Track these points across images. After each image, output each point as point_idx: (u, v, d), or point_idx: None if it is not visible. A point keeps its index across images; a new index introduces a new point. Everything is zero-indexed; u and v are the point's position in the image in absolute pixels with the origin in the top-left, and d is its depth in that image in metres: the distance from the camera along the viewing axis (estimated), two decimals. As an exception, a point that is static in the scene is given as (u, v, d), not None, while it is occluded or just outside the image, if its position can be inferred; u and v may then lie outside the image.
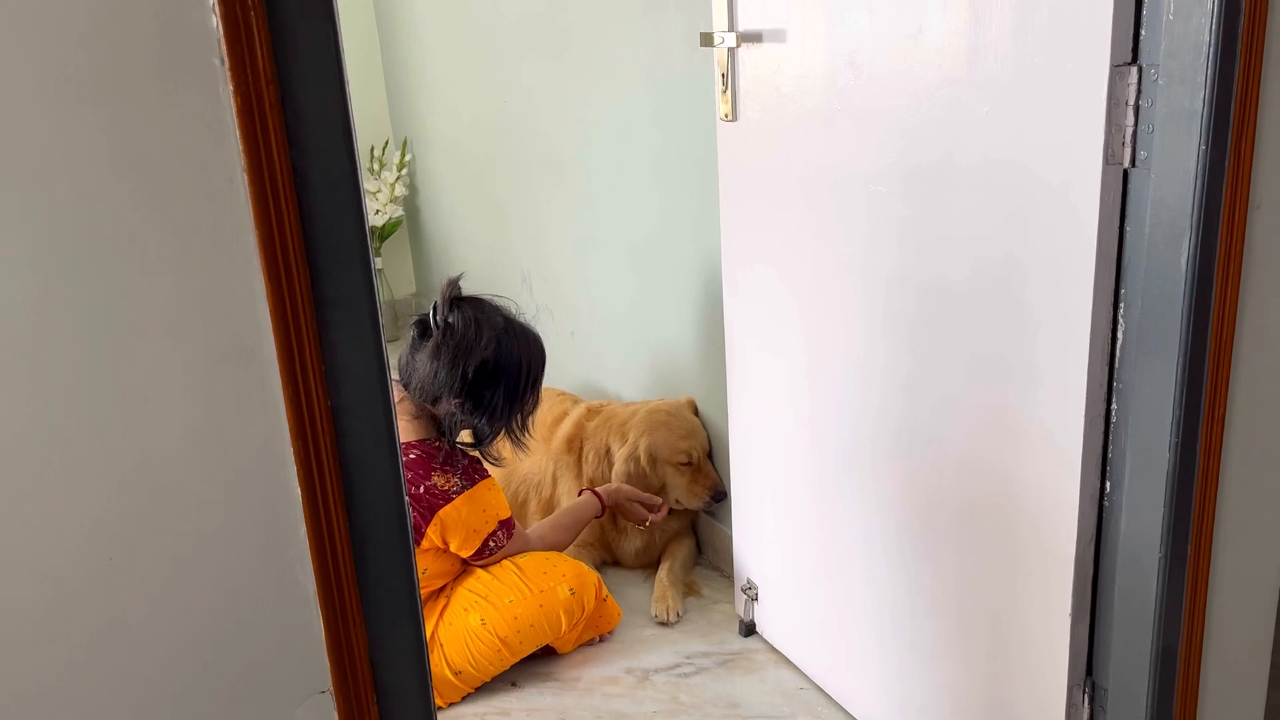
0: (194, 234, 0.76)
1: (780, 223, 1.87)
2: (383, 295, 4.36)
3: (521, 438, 2.09)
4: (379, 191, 4.23)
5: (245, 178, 0.75)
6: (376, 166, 4.28)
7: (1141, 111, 1.23)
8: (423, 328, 2.02)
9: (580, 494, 2.40)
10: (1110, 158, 1.26)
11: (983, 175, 1.42)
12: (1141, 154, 1.24)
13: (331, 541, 0.85)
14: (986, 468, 1.53)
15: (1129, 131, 1.24)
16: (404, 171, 4.25)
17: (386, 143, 4.35)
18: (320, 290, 0.81)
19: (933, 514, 1.66)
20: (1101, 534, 1.43)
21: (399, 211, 4.30)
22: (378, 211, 4.24)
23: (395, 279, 4.51)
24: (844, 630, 1.96)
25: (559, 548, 2.26)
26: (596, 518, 2.38)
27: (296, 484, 0.83)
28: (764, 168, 1.88)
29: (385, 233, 4.32)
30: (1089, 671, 1.49)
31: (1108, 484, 1.40)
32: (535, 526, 2.28)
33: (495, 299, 2.08)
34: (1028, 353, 1.42)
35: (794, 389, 1.94)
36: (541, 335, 2.12)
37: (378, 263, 4.30)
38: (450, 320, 1.98)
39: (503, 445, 2.11)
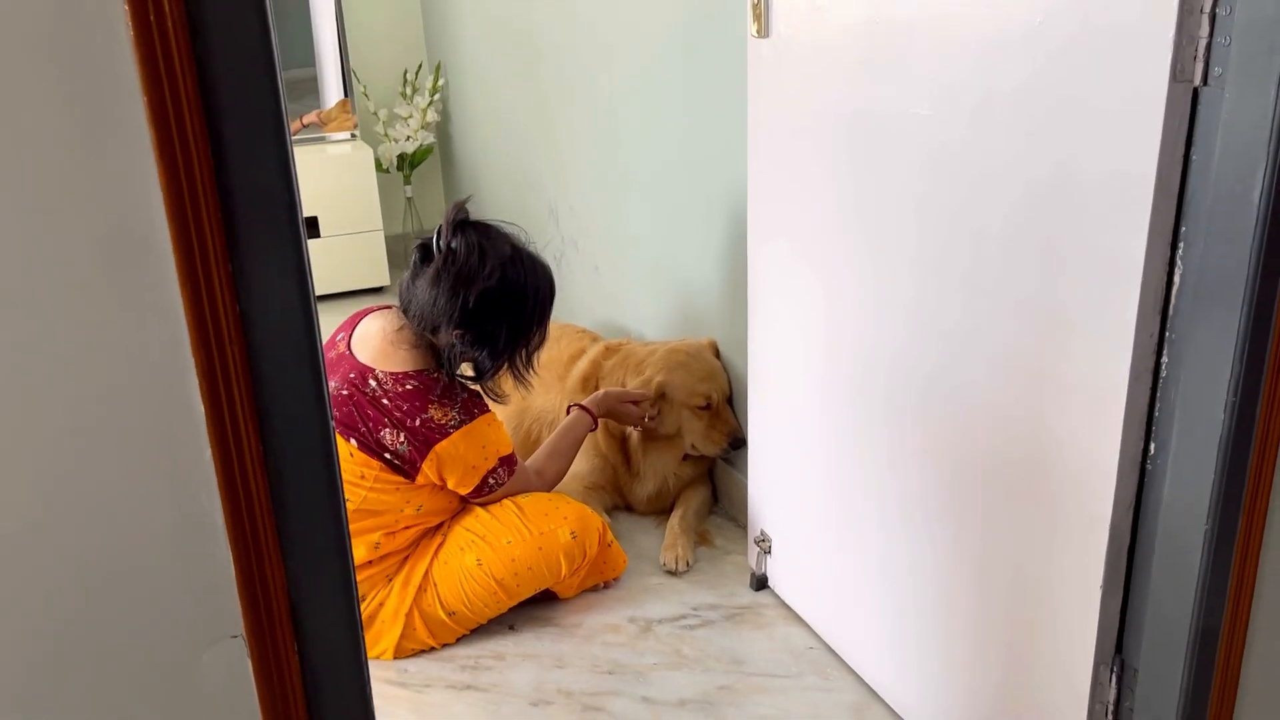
0: (69, 99, 0.64)
1: (809, 150, 1.72)
2: (412, 225, 4.26)
3: (525, 374, 1.98)
4: (410, 117, 4.11)
5: (130, 30, 0.63)
6: (409, 91, 4.15)
7: (1218, 20, 1.07)
8: (424, 252, 1.91)
9: (568, 411, 2.29)
10: (1178, 74, 1.10)
11: (1032, 96, 1.26)
12: (1215, 70, 1.08)
13: (242, 465, 0.74)
14: (1021, 423, 1.40)
15: (1202, 44, 1.08)
16: (436, 97, 4.12)
17: (420, 66, 4.22)
18: (227, 176, 0.69)
19: (960, 471, 1.53)
20: (1141, 501, 1.29)
21: (431, 138, 4.18)
22: (409, 137, 4.12)
23: (425, 209, 4.40)
24: (858, 589, 1.84)
25: (562, 475, 2.16)
26: (590, 430, 2.26)
27: (199, 398, 0.72)
28: (795, 89, 1.73)
29: (416, 160, 4.21)
30: (1118, 649, 1.36)
31: (1152, 446, 1.26)
32: (531, 460, 2.17)
33: (504, 225, 1.95)
34: (1072, 298, 1.27)
35: (818, 332, 1.80)
36: (565, 269, 2.00)
37: (407, 190, 4.19)
38: (453, 245, 1.86)
39: (506, 381, 2.00)
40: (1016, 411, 1.40)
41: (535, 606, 2.10)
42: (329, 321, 2.08)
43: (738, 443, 2.33)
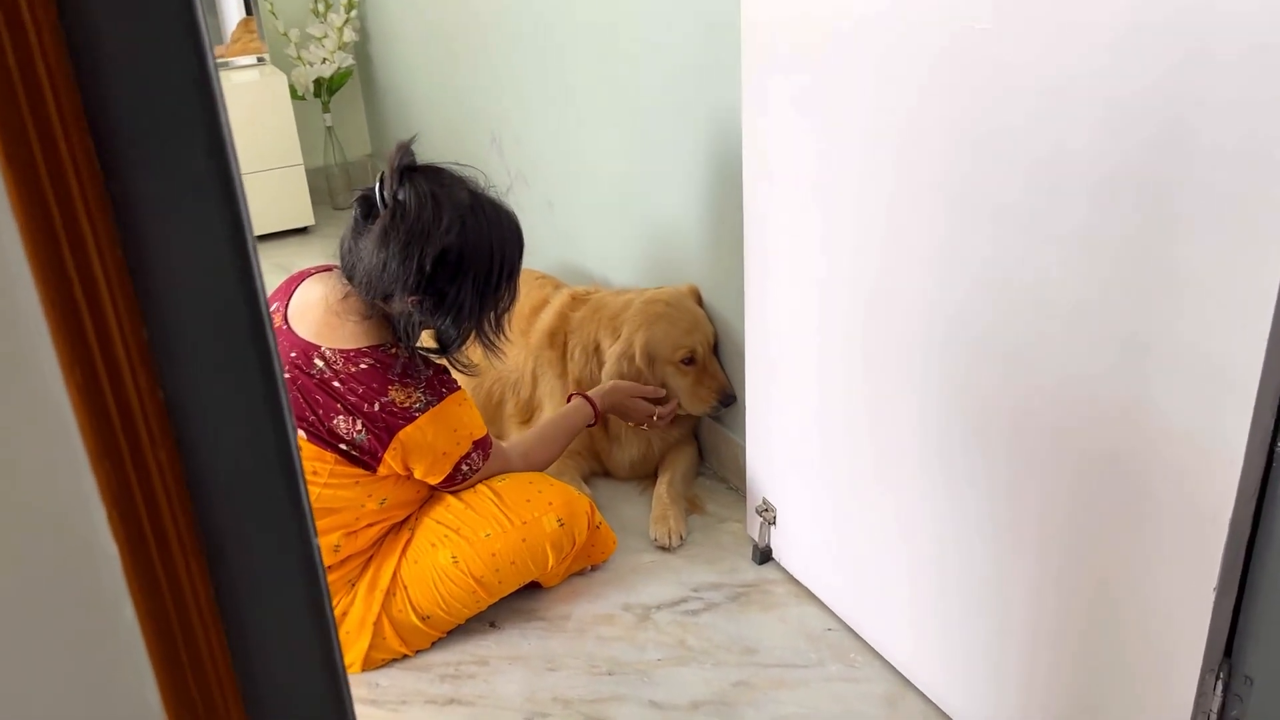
0: None
1: (824, 62, 1.46)
2: (335, 157, 3.89)
3: (495, 340, 1.71)
4: (325, 37, 3.71)
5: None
6: (322, 8, 3.74)
7: None
8: (367, 206, 1.61)
9: (569, 399, 2.04)
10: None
11: None
12: None
13: (193, 648, 0.48)
14: (1102, 393, 1.18)
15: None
16: (353, 14, 3.72)
17: (332, -21, 3.80)
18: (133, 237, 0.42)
19: (1015, 438, 1.32)
20: (1266, 490, 1.09)
21: (349, 60, 3.78)
22: (325, 60, 3.72)
23: (347, 138, 4.02)
24: (882, 563, 1.64)
25: (546, 465, 1.91)
26: (590, 426, 2.02)
27: (109, 537, 0.46)
28: (808, -2, 1.46)
29: (334, 85, 3.82)
30: (1227, 653, 1.18)
31: (1285, 427, 1.06)
32: (518, 441, 1.92)
33: (459, 169, 1.66)
34: (1188, 250, 1.05)
35: (833, 273, 1.56)
36: (514, 207, 1.72)
37: (327, 119, 3.82)
38: (401, 198, 1.57)
39: (475, 350, 1.72)
40: (1100, 382, 1.18)
41: (518, 597, 1.86)
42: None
43: (727, 399, 2.11)
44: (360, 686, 1.72)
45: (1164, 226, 1.06)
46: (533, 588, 1.89)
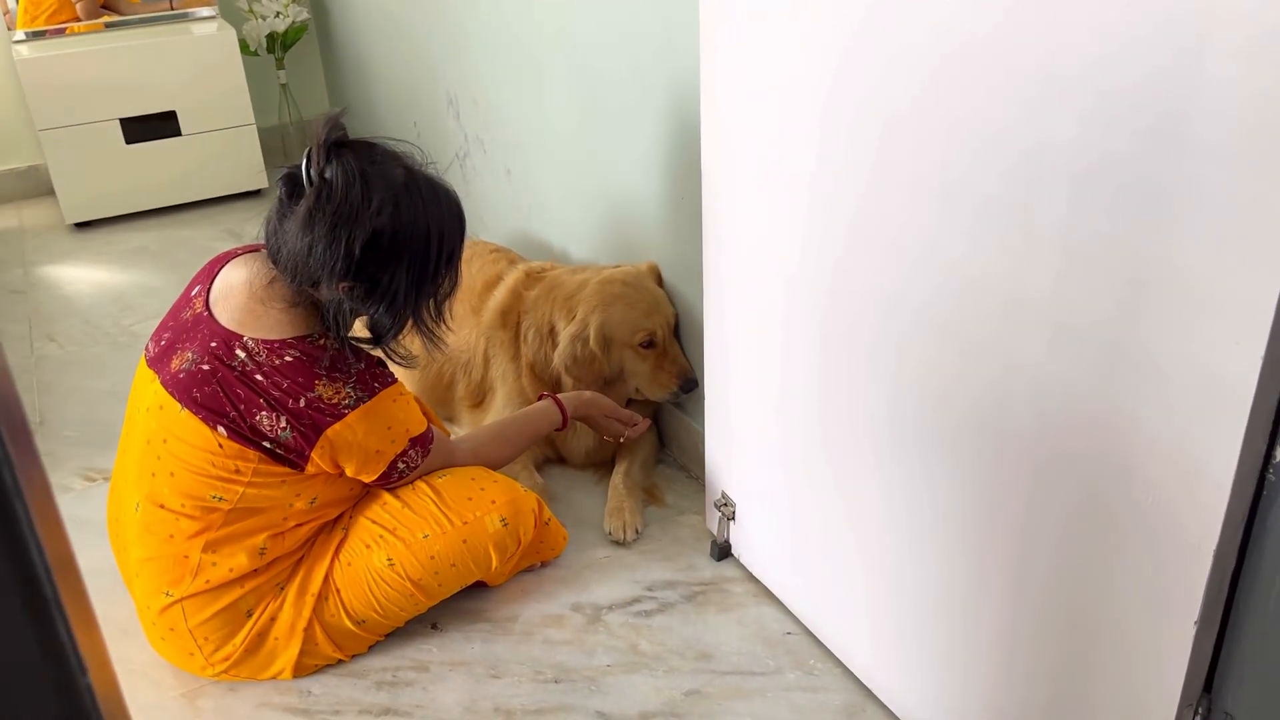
0: None
1: (783, 29, 1.33)
2: (290, 116, 3.74)
3: (435, 330, 1.59)
4: (278, -11, 3.53)
5: None
6: (274, -42, 3.56)
7: None
8: (292, 184, 1.48)
9: (540, 398, 1.92)
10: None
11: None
12: None
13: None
14: (1081, 402, 1.08)
15: None
16: (307, -35, 3.55)
17: (285, -72, 3.61)
18: None
19: (984, 444, 1.22)
20: (1256, 516, 0.99)
21: (304, 14, 3.61)
22: (279, 14, 3.55)
23: (303, 96, 3.86)
24: (845, 565, 1.55)
25: (499, 465, 1.80)
26: (557, 430, 1.90)
27: None
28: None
29: (288, 40, 3.65)
30: (1206, 688, 1.09)
31: (1278, 452, 0.96)
32: (470, 435, 1.81)
33: (393, 144, 1.53)
34: (1170, 245, 0.94)
35: (795, 261, 1.45)
36: (470, 173, 1.58)
37: (281, 76, 3.65)
38: (328, 176, 1.44)
39: (413, 339, 1.60)
40: (1079, 391, 1.08)
41: (462, 597, 1.76)
42: (201, 252, 1.66)
43: (689, 385, 2.00)
44: (291, 694, 1.62)
45: (1154, 226, 0.95)
46: (478, 585, 1.78)
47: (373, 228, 1.43)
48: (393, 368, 1.60)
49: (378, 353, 1.57)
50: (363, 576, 1.60)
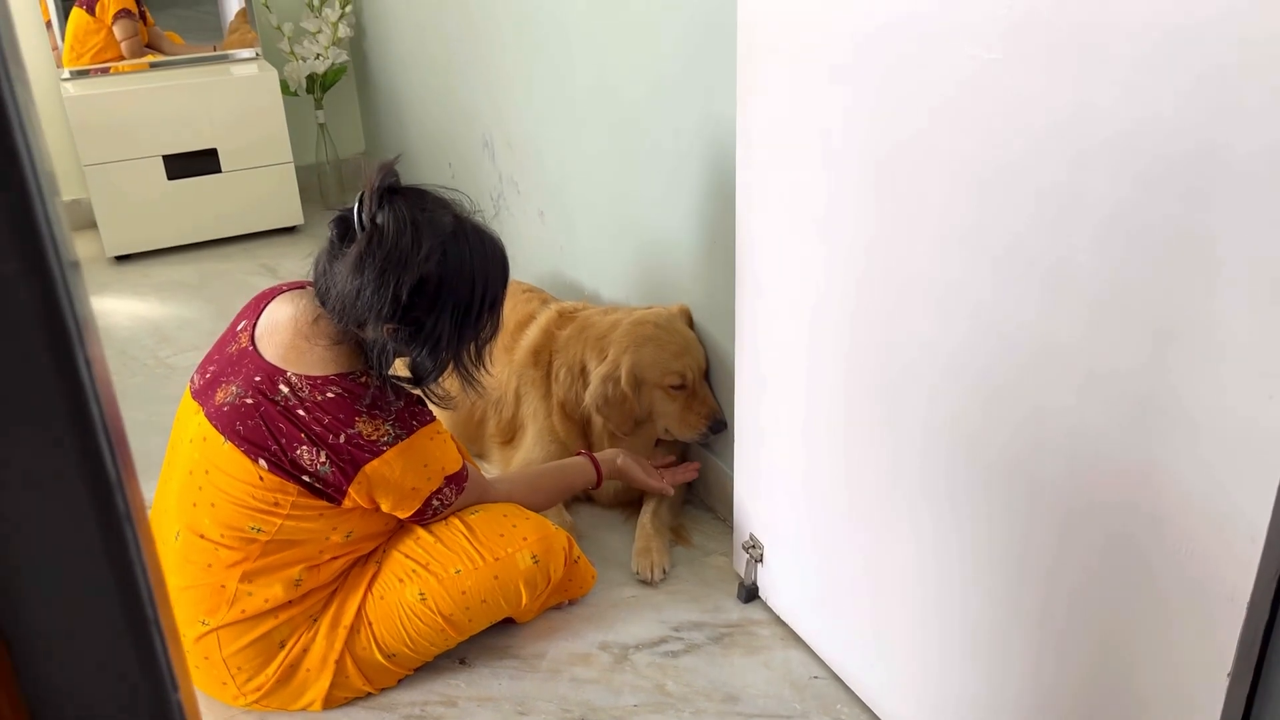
0: None
1: (820, 84, 1.37)
2: (326, 154, 3.81)
3: (474, 374, 1.62)
4: (320, 32, 3.62)
5: None
6: (317, 3, 3.65)
7: None
8: (343, 227, 1.52)
9: (578, 454, 1.96)
10: None
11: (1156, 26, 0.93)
12: None
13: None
14: (1113, 452, 1.09)
15: None
16: (348, 9, 3.63)
17: (328, -27, 3.71)
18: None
19: (1017, 491, 1.23)
20: (1289, 570, 1.00)
21: (343, 56, 3.70)
22: (319, 55, 3.63)
23: (340, 136, 3.94)
24: (873, 611, 1.55)
25: (531, 510, 1.82)
26: (591, 489, 1.96)
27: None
28: (802, 5, 1.37)
29: (328, 81, 3.73)
30: (1239, 741, 1.09)
31: (1311, 504, 0.96)
32: (506, 478, 1.83)
33: (442, 191, 1.57)
34: (1204, 294, 0.96)
35: (831, 303, 1.47)
36: (505, 214, 1.63)
37: (319, 116, 3.73)
38: (379, 221, 1.48)
39: (450, 380, 1.63)
40: (1111, 435, 1.09)
41: (490, 633, 1.77)
42: (238, 287, 1.71)
43: (718, 426, 2.02)
44: (320, 727, 1.64)
45: (1184, 275, 0.97)
46: (507, 622, 1.80)
47: (421, 273, 1.47)
48: (430, 406, 1.63)
49: (417, 391, 1.60)
50: (395, 610, 1.62)
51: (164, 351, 2.88)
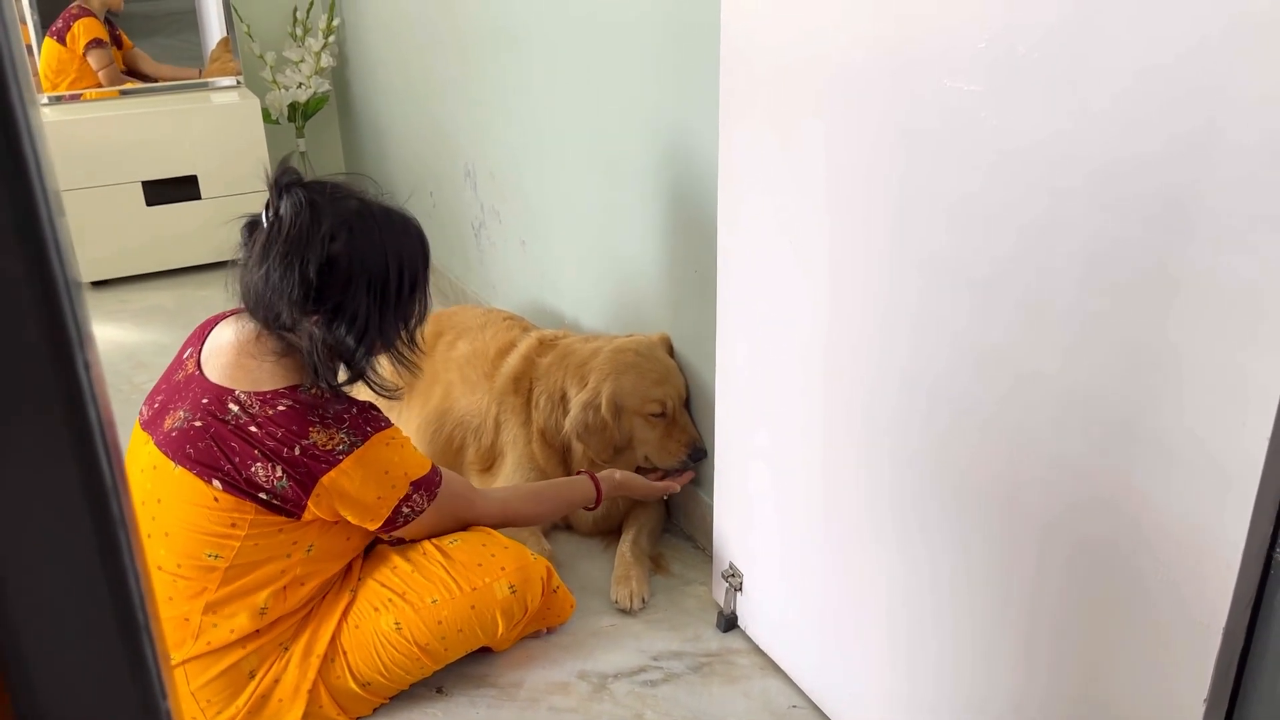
0: None
1: (803, 111, 1.39)
2: (306, 183, 3.81)
3: (407, 357, 1.62)
4: (302, 61, 3.64)
5: None
6: (300, 32, 3.67)
7: None
8: (251, 230, 1.54)
9: (578, 473, 1.95)
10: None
11: (1138, 71, 0.95)
12: None
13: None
14: (1091, 479, 1.11)
15: None
16: (331, 39, 3.65)
17: (312, 4, 3.73)
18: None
19: (995, 519, 1.24)
20: (1263, 599, 1.01)
21: (325, 86, 3.71)
22: (301, 85, 3.65)
23: (321, 164, 3.94)
24: (852, 639, 1.55)
25: (525, 523, 1.81)
26: (588, 509, 1.94)
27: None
28: (787, 20, 1.39)
29: (310, 110, 3.74)
30: (1216, 768, 1.10)
31: (1285, 532, 0.98)
32: (506, 490, 1.83)
33: (350, 178, 1.58)
34: (1186, 335, 0.97)
35: (810, 332, 1.48)
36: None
37: (300, 144, 3.74)
38: (281, 212, 1.49)
39: (386, 368, 1.64)
40: (1090, 464, 1.11)
41: (468, 661, 1.76)
42: (217, 303, 1.71)
43: (698, 454, 2.02)
44: (293, 757, 1.61)
45: (1162, 307, 0.99)
46: (484, 650, 1.78)
47: (327, 253, 1.47)
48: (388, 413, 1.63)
49: (366, 398, 1.60)
50: (370, 639, 1.61)
51: (140, 378, 2.85)
